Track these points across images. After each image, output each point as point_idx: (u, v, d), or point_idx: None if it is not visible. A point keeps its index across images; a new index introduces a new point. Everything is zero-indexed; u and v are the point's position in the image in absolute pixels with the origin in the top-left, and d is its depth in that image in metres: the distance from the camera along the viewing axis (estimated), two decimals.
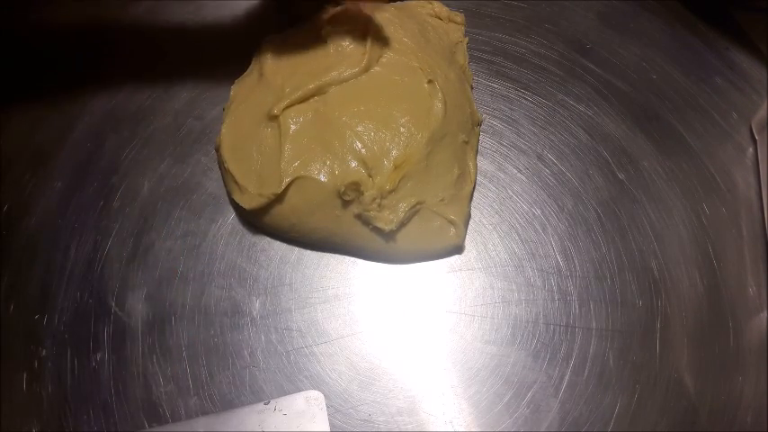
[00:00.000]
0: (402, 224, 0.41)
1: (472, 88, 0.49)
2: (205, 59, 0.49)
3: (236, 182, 0.42)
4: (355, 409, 0.38)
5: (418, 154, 0.41)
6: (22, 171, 0.45)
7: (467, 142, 0.44)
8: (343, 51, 0.44)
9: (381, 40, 0.44)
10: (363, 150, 0.41)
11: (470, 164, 0.45)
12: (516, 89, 0.49)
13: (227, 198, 0.44)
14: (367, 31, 0.44)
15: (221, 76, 0.47)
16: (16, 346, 0.39)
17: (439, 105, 0.43)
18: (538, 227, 0.44)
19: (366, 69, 0.43)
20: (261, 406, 0.37)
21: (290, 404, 0.37)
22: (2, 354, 0.39)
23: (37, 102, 0.48)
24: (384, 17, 0.46)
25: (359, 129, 0.41)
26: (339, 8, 0.46)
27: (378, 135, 0.41)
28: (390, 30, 0.45)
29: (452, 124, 0.43)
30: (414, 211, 0.41)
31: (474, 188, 0.44)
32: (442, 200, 0.42)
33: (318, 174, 0.40)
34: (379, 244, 0.41)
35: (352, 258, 0.42)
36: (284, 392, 0.38)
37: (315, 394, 0.38)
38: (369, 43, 0.44)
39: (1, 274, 0.41)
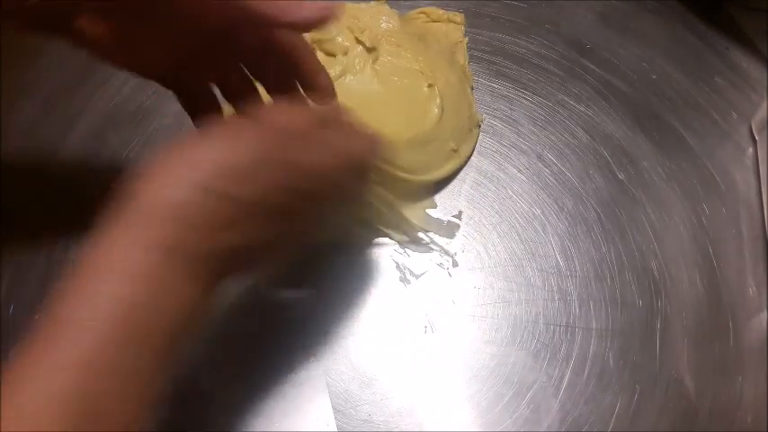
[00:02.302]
0: None
1: (473, 89, 0.49)
2: None
3: None
4: (355, 409, 0.38)
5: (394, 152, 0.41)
6: (22, 171, 0.45)
7: (455, 150, 0.44)
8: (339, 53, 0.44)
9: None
10: None
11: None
12: (516, 89, 0.49)
13: None
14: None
15: None
16: (16, 346, 0.39)
17: (435, 111, 0.43)
18: (538, 227, 0.44)
19: (363, 70, 0.44)
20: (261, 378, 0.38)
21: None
22: (2, 354, 0.39)
23: (37, 102, 0.48)
24: (385, 26, 0.46)
25: None
26: None
27: None
28: (390, 33, 0.45)
29: (445, 130, 0.43)
30: None
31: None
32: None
33: None
34: None
35: (352, 258, 0.42)
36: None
37: (313, 365, 0.38)
38: (366, 44, 0.44)
39: (1, 274, 0.41)
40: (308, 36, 0.45)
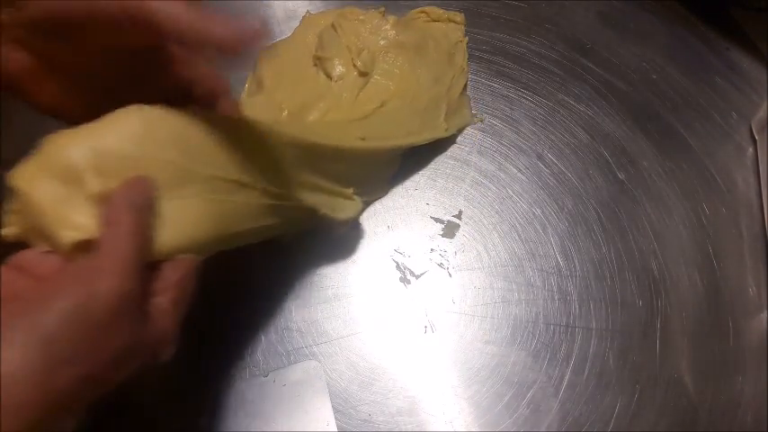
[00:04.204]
0: None
1: (465, 88, 0.48)
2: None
3: None
4: (355, 409, 0.38)
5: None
6: None
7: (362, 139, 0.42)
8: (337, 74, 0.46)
9: None
10: None
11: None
12: (516, 89, 0.49)
13: None
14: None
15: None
16: None
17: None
18: (538, 227, 0.44)
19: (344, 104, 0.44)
20: (261, 379, 0.38)
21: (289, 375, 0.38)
22: None
23: None
24: (383, 42, 0.46)
25: None
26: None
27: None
28: (387, 49, 0.46)
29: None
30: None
31: None
32: None
33: None
34: None
35: (352, 258, 0.42)
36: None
37: (313, 364, 0.38)
38: (360, 69, 0.45)
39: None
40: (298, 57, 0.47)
